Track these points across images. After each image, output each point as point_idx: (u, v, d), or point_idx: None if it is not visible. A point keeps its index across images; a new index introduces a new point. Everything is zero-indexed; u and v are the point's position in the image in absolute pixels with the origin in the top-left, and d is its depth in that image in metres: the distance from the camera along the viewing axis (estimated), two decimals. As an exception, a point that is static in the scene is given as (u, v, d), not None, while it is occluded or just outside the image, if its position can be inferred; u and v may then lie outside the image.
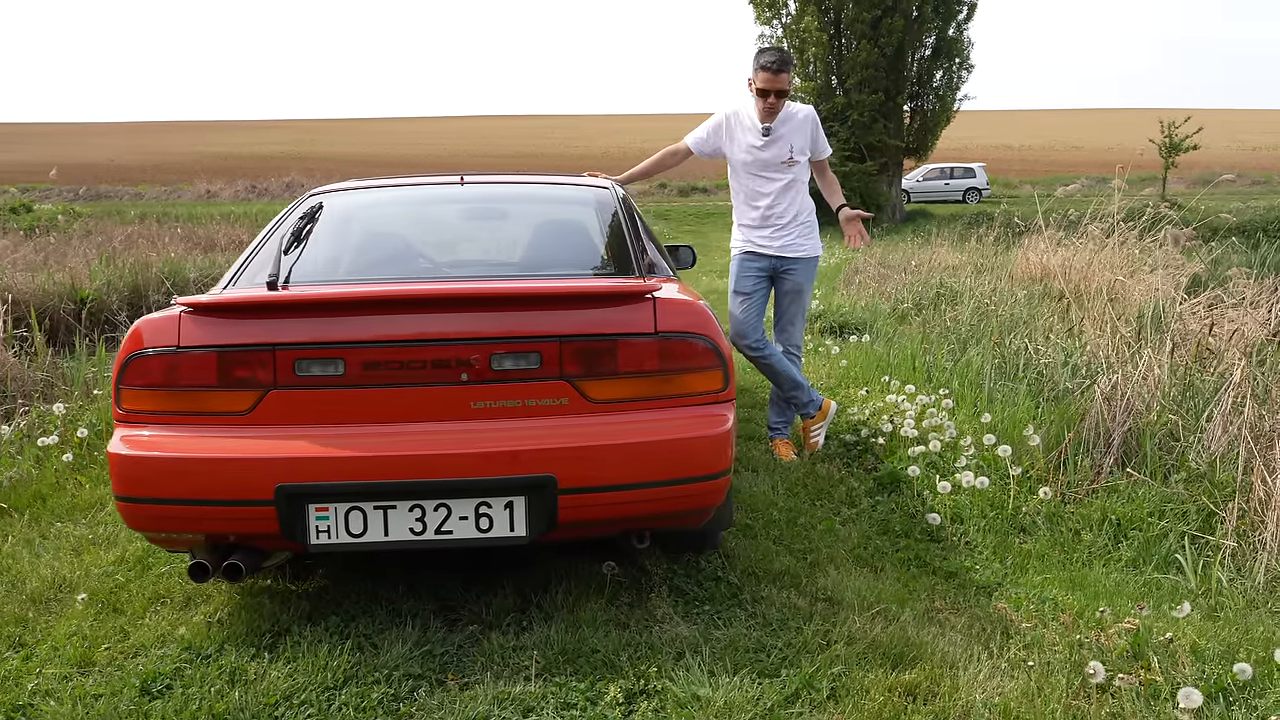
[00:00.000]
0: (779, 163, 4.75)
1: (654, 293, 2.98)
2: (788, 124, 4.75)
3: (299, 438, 2.79)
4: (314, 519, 2.75)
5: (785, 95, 4.68)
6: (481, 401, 2.85)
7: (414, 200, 4.18)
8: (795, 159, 4.75)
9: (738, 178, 4.93)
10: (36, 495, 4.39)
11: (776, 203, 4.80)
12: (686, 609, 3.18)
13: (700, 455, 2.90)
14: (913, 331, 8.04)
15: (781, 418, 5.10)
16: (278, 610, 3.14)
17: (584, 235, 3.83)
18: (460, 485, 2.76)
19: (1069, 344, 5.96)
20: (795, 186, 4.84)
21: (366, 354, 2.83)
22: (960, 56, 28.79)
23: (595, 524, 2.92)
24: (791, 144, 4.74)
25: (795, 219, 4.84)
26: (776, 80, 4.61)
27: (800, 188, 4.88)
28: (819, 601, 3.22)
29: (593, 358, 2.90)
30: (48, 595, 3.36)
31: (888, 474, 4.48)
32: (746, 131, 4.81)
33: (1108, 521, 3.88)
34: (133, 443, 2.81)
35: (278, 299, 2.95)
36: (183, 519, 2.79)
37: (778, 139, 4.74)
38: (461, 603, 3.20)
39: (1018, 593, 3.29)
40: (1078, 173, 44.34)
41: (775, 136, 4.73)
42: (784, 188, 4.80)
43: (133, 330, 2.90)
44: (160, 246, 14.92)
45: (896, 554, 3.68)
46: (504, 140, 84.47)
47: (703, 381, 2.98)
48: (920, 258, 12.51)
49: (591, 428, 2.86)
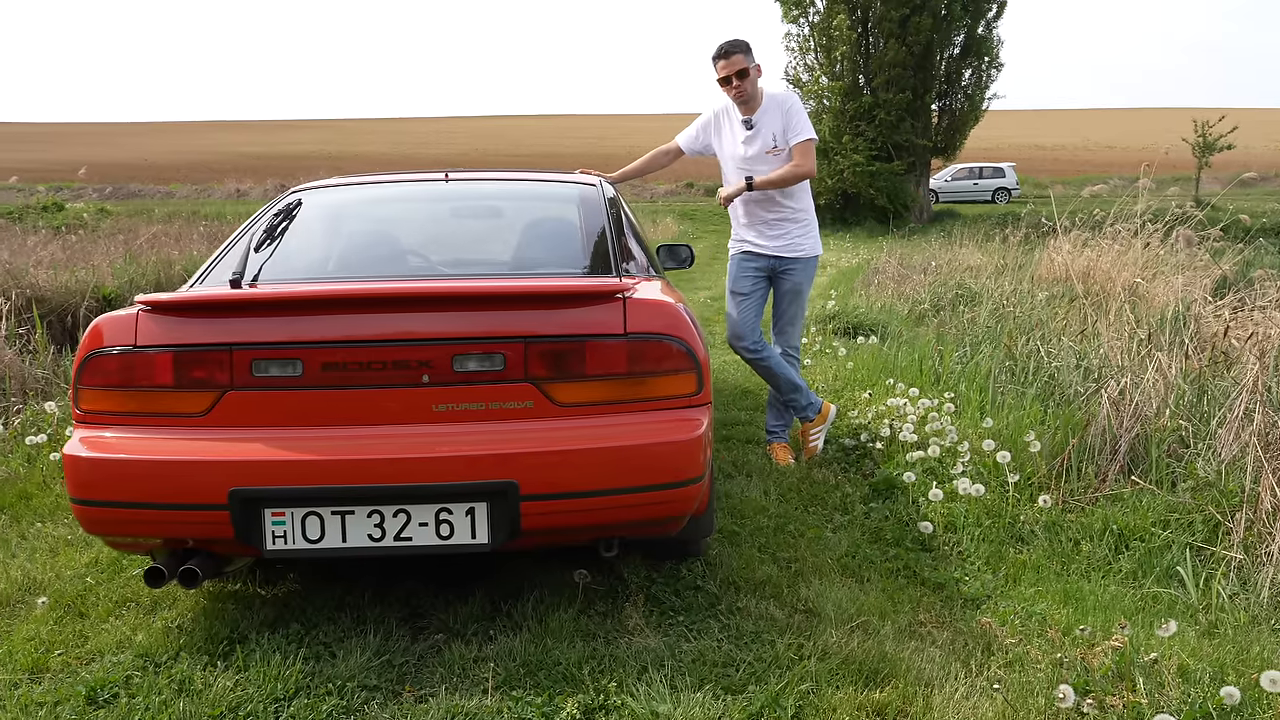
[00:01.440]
0: (764, 153, 4.65)
1: (625, 292, 2.88)
2: (768, 113, 4.66)
3: (255, 440, 2.71)
4: (270, 524, 2.67)
5: (745, 76, 4.57)
6: (443, 404, 2.76)
7: (394, 198, 4.10)
8: (779, 148, 4.65)
9: (727, 173, 4.84)
10: (21, 494, 4.35)
11: (766, 197, 4.69)
12: (660, 619, 3.07)
13: (671, 461, 2.80)
14: (928, 334, 7.88)
15: (779, 421, 4.99)
16: (240, 616, 3.06)
17: (564, 233, 3.73)
18: (420, 491, 2.67)
19: (1082, 347, 5.80)
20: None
21: (325, 354, 2.74)
22: (990, 55, 28.46)
23: (561, 531, 2.83)
24: (774, 132, 4.65)
25: (791, 215, 4.74)
26: (728, 64, 4.55)
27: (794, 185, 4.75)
28: (797, 613, 3.11)
29: (559, 360, 2.81)
30: (15, 598, 3.31)
31: (884, 480, 4.35)
32: (731, 125, 4.76)
33: (1109, 531, 3.74)
34: (87, 444, 2.74)
35: (233, 298, 2.87)
36: (137, 523, 2.72)
37: (759, 130, 4.66)
38: (430, 610, 3.11)
39: (1006, 606, 3.16)
40: (1111, 173, 43.77)
41: (757, 128, 4.67)
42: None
43: (92, 328, 2.83)
44: (184, 245, 15.02)
45: (885, 563, 3.56)
46: (533, 140, 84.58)
47: (675, 385, 2.88)
48: (942, 258, 12.32)
49: (556, 432, 2.76)
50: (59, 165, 49.89)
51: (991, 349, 6.23)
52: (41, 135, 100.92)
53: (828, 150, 25.90)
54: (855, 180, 26.19)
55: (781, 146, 4.64)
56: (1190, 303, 6.48)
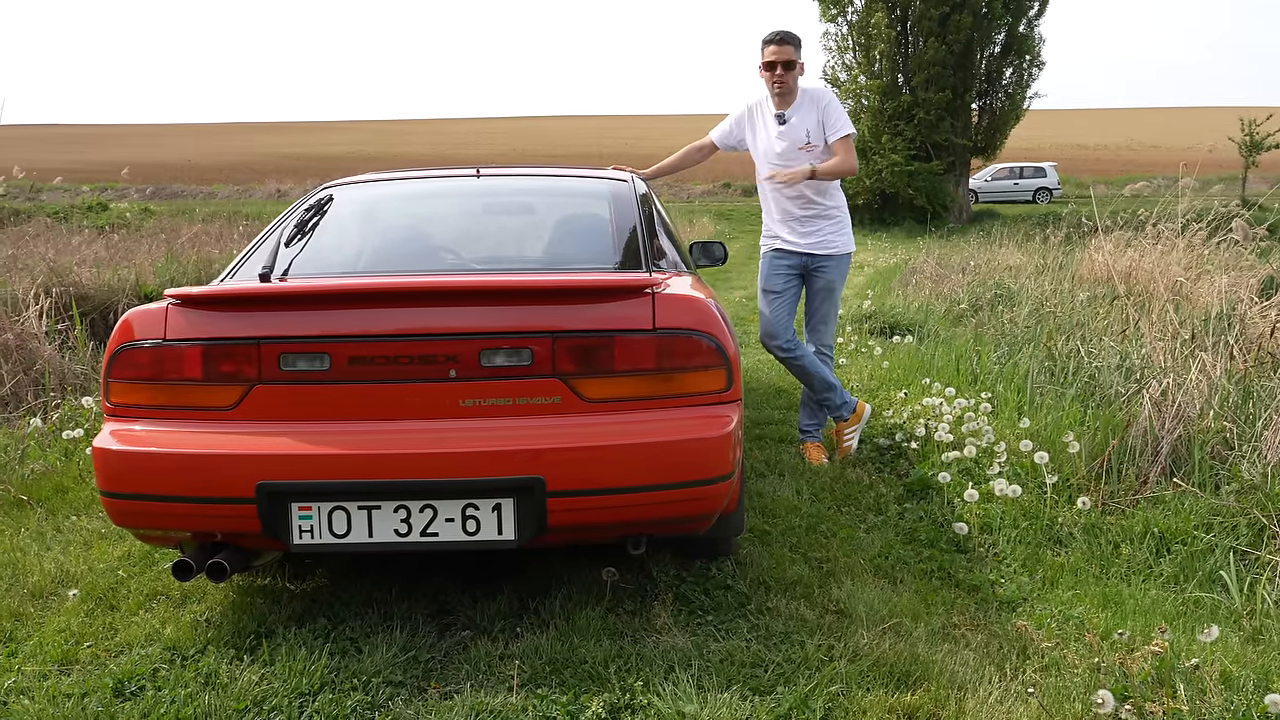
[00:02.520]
0: (797, 149, 4.60)
1: (654, 287, 2.84)
2: (802, 107, 4.63)
3: (283, 434, 2.70)
4: (297, 518, 2.67)
5: (792, 68, 4.56)
6: (470, 399, 2.75)
7: (426, 194, 4.09)
8: (813, 143, 4.60)
9: (759, 169, 4.80)
10: (58, 488, 4.39)
11: (798, 193, 4.64)
12: (689, 619, 3.04)
13: (700, 458, 2.76)
14: (965, 333, 7.78)
15: (813, 420, 4.93)
16: (267, 611, 3.06)
17: (595, 229, 3.71)
18: (446, 486, 2.65)
19: (1124, 347, 5.69)
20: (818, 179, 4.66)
21: (352, 348, 2.74)
22: (1031, 53, 28.14)
23: (588, 528, 2.80)
24: (808, 128, 4.60)
25: (824, 212, 4.68)
26: (781, 50, 4.53)
27: (826, 181, 4.70)
28: (828, 614, 3.06)
29: (588, 355, 2.78)
30: (48, 589, 3.33)
31: (918, 480, 4.29)
32: (764, 120, 4.73)
33: (1150, 534, 3.65)
34: (117, 437, 2.75)
35: (261, 291, 2.87)
36: (165, 515, 2.73)
37: (793, 124, 4.62)
38: (457, 607, 3.10)
39: (1042, 609, 3.09)
40: (1155, 172, 43.09)
41: (790, 122, 4.62)
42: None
43: (122, 322, 2.84)
44: (225, 244, 15.19)
45: (919, 565, 3.50)
46: (571, 140, 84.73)
47: (705, 381, 2.84)
48: (981, 258, 12.18)
49: (584, 428, 2.73)
50: (104, 166, 50.63)
51: (1031, 349, 6.13)
52: (88, 136, 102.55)
53: (866, 150, 25.71)
54: (894, 180, 25.97)
55: (815, 142, 4.59)
56: (1235, 303, 6.34)
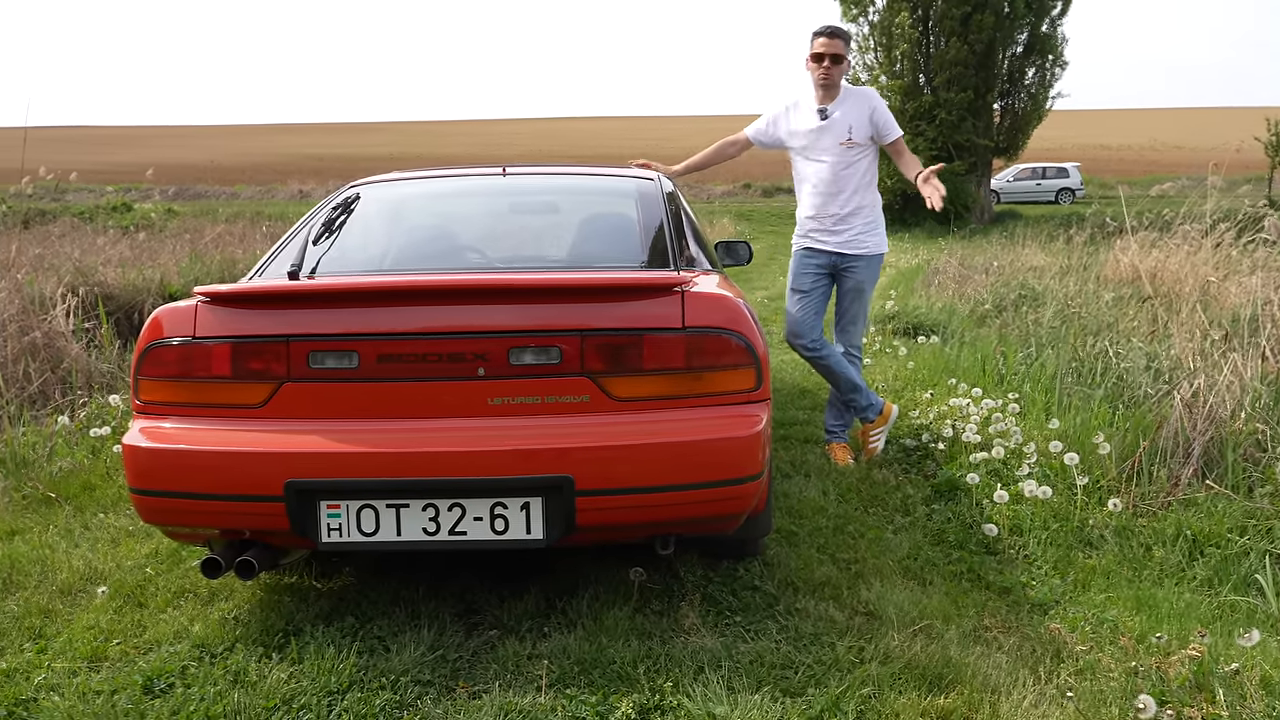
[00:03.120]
0: (837, 144, 4.57)
1: (683, 286, 2.82)
2: (845, 104, 4.60)
3: (311, 432, 2.70)
4: (325, 516, 2.66)
5: (840, 63, 4.55)
6: (499, 398, 2.73)
7: (452, 192, 4.09)
8: (854, 140, 4.56)
9: (796, 165, 4.78)
10: (86, 485, 4.41)
11: (837, 190, 4.60)
12: (717, 619, 3.02)
13: (729, 457, 2.74)
14: (989, 334, 7.73)
15: (839, 421, 4.90)
16: (295, 609, 3.06)
17: (622, 228, 3.69)
18: (475, 484, 2.64)
19: (1152, 348, 5.63)
20: (857, 174, 4.64)
21: (381, 346, 2.73)
22: (1053, 53, 27.93)
23: (616, 528, 2.78)
24: (850, 124, 4.56)
25: (858, 211, 4.64)
26: (831, 44, 4.51)
27: (863, 177, 4.67)
28: (858, 615, 3.03)
29: (616, 353, 2.76)
30: (77, 586, 3.34)
31: (946, 481, 4.25)
32: (804, 114, 4.69)
33: (1182, 537, 3.61)
34: (146, 434, 2.75)
35: (290, 289, 2.87)
36: (194, 513, 2.73)
37: (834, 119, 4.58)
38: (484, 606, 3.09)
39: (1075, 612, 3.06)
40: (1179, 173, 42.76)
41: (832, 117, 4.59)
42: (843, 173, 4.61)
43: (151, 319, 2.85)
44: (248, 244, 15.27)
45: (948, 566, 3.47)
46: (596, 141, 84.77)
47: (734, 380, 2.82)
48: (1004, 259, 12.10)
49: (613, 427, 2.71)
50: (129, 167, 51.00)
51: (1057, 349, 6.08)
52: (114, 138, 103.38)
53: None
54: (915, 181, 25.80)
55: (857, 140, 4.55)
56: (1265, 303, 6.26)
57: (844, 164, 4.61)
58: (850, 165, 4.61)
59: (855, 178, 4.64)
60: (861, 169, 4.66)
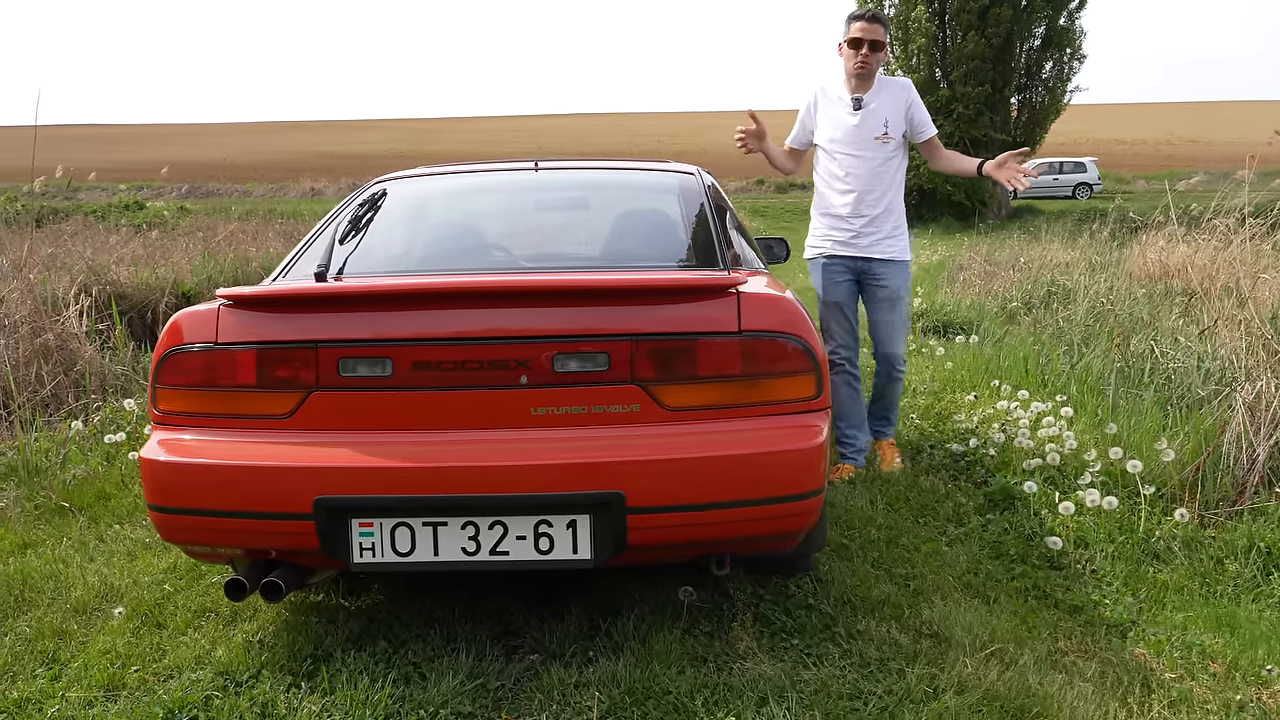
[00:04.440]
0: (872, 139, 4.26)
1: (738, 286, 2.63)
2: (881, 95, 4.28)
3: (342, 445, 2.52)
4: (357, 535, 2.48)
5: (880, 50, 4.24)
6: (543, 407, 2.54)
7: (483, 188, 3.90)
8: (890, 135, 4.25)
9: (822, 160, 4.43)
10: (100, 494, 4.24)
11: (869, 188, 4.28)
12: (772, 642, 2.82)
13: (789, 472, 2.55)
14: (1022, 332, 7.52)
15: (884, 421, 4.65)
16: (323, 632, 2.88)
17: (665, 225, 3.50)
18: (518, 501, 2.46)
19: (1202, 347, 5.41)
20: (889, 174, 4.32)
21: (417, 353, 2.54)
22: (1071, 47, 27.63)
23: (669, 547, 2.59)
24: (886, 117, 4.25)
25: (888, 212, 4.32)
26: (871, 29, 4.19)
27: (895, 177, 4.35)
28: (924, 638, 2.84)
29: (668, 359, 2.57)
30: (92, 604, 3.17)
31: (1000, 489, 4.04)
32: (834, 104, 4.36)
33: (1255, 549, 3.41)
34: (166, 447, 2.58)
35: (319, 291, 2.69)
36: (217, 531, 2.55)
37: (870, 111, 4.26)
38: (523, 628, 2.90)
39: (1156, 634, 2.86)
40: (1196, 167, 42.44)
41: (868, 108, 4.26)
42: (877, 170, 4.29)
43: (171, 324, 2.66)
44: (261, 242, 15.13)
45: (1011, 582, 3.27)
46: (601, 137, 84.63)
47: (793, 387, 2.63)
48: (1029, 255, 11.87)
49: (666, 439, 2.52)
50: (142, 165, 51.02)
51: (1103, 348, 5.87)
52: (126, 136, 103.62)
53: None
54: (932, 176, 25.57)
55: (892, 134, 4.25)
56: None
57: (879, 160, 4.29)
58: (885, 162, 4.31)
59: (888, 176, 4.33)
60: (894, 168, 4.35)
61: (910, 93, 4.32)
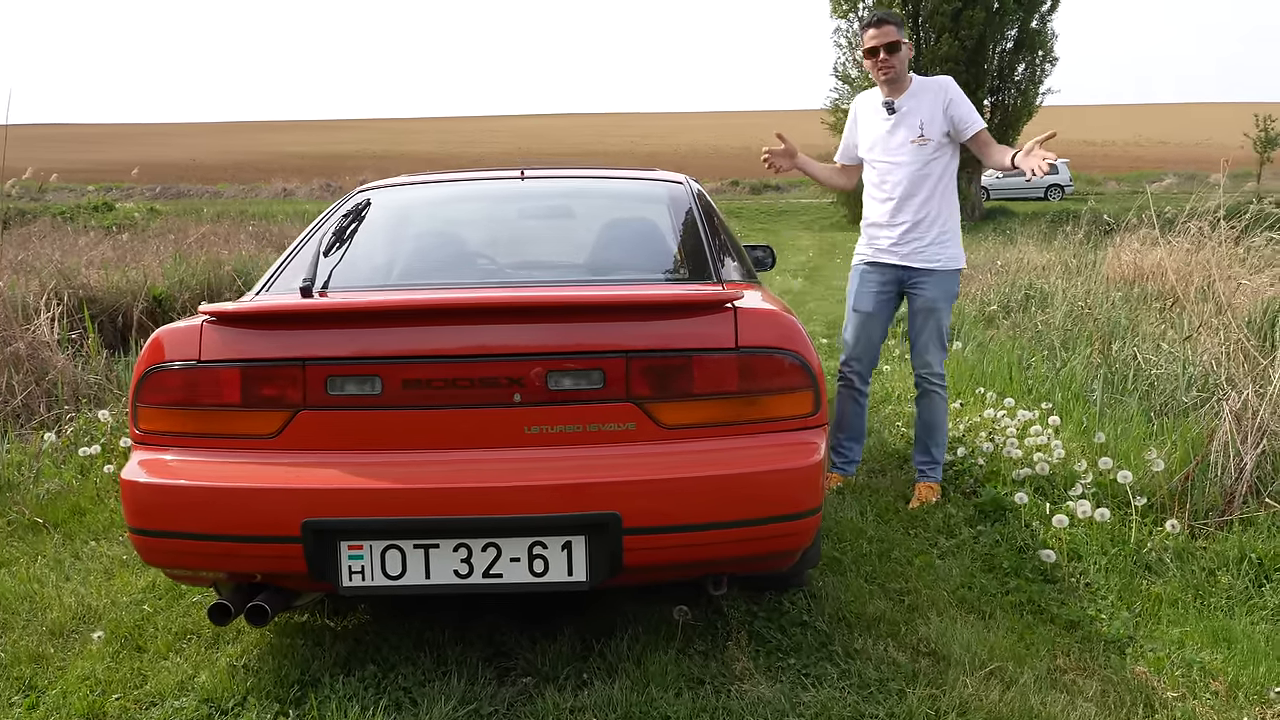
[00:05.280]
0: (909, 142, 4.09)
1: (735, 302, 2.58)
2: (916, 97, 4.11)
3: (330, 466, 2.45)
4: (346, 558, 2.41)
5: (897, 51, 4.05)
6: (536, 426, 2.49)
7: (469, 197, 3.83)
8: (927, 137, 4.06)
9: (866, 170, 4.31)
10: (75, 509, 4.14)
11: (908, 194, 4.09)
12: (769, 662, 2.78)
13: (788, 491, 2.50)
14: (1002, 336, 7.53)
15: (925, 456, 4.31)
16: (310, 655, 2.81)
17: (655, 236, 3.45)
18: (512, 523, 2.39)
19: (1184, 353, 5.42)
20: (932, 177, 4.12)
21: (407, 370, 2.48)
22: (1043, 49, 27.82)
23: (666, 568, 2.54)
24: (921, 119, 4.07)
25: (930, 219, 4.11)
26: (881, 33, 4.04)
27: (939, 182, 4.14)
28: (922, 656, 2.80)
29: (665, 376, 2.52)
30: (69, 626, 3.08)
31: (990, 500, 4.01)
32: (871, 114, 4.24)
33: (1247, 561, 3.40)
34: (147, 467, 2.50)
35: (306, 308, 2.61)
36: (201, 555, 2.48)
37: (903, 114, 4.11)
38: (515, 649, 2.84)
39: (1155, 650, 2.84)
40: (1165, 169, 42.81)
41: (900, 112, 4.12)
42: (916, 175, 4.09)
43: (152, 341, 2.58)
44: (233, 244, 14.95)
45: (1006, 597, 3.24)
46: (576, 138, 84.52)
47: (790, 404, 2.58)
48: (1005, 257, 11.91)
49: (662, 458, 2.47)
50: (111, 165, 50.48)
51: (1086, 354, 5.87)
52: (94, 136, 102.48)
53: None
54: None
55: (930, 136, 4.06)
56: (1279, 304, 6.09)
57: (917, 164, 4.10)
58: (925, 165, 4.10)
59: (931, 181, 4.12)
60: (938, 171, 4.14)
61: (949, 91, 4.12)
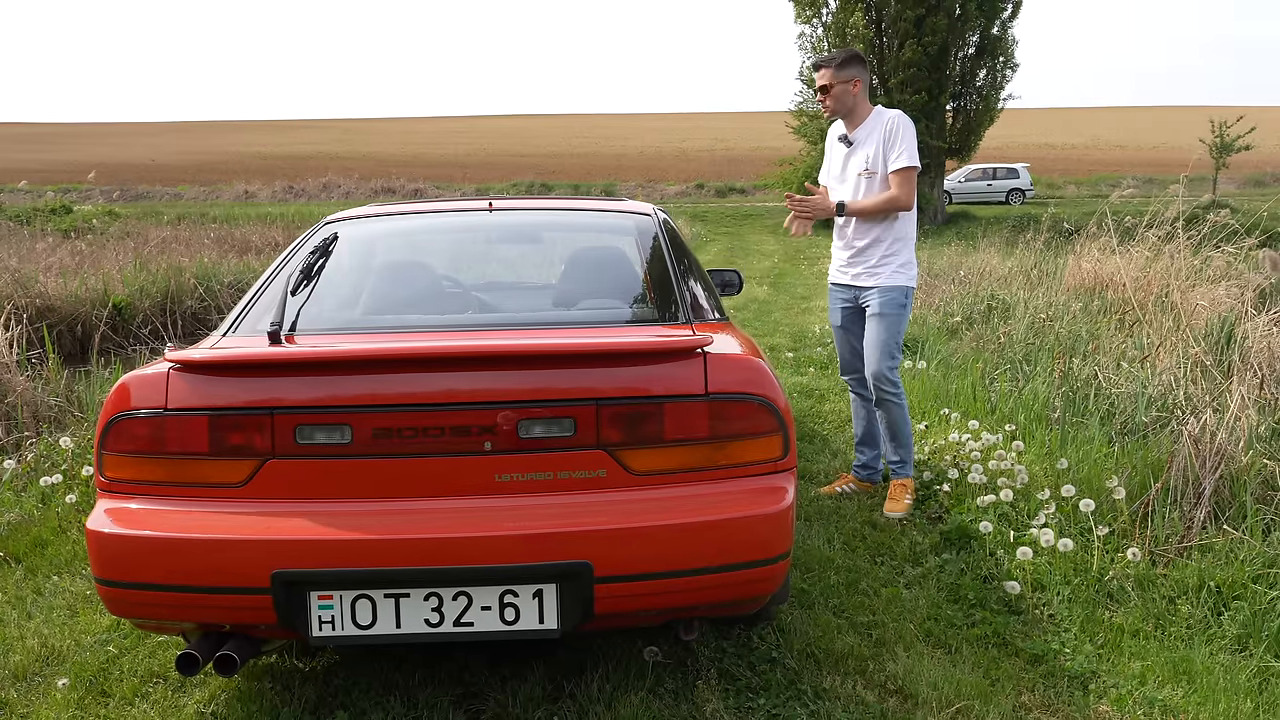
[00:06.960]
0: (858, 174, 4.33)
1: (705, 347, 2.60)
2: (869, 130, 4.33)
3: (300, 515, 2.44)
4: (316, 608, 2.40)
5: (828, 91, 4.29)
6: (507, 474, 2.49)
7: (437, 231, 3.82)
8: (871, 169, 4.29)
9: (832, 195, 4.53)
10: (36, 541, 4.09)
11: (857, 220, 4.36)
12: (738, 702, 2.80)
13: (759, 536, 2.52)
14: (964, 348, 7.61)
15: (896, 456, 4.51)
16: (279, 701, 2.79)
17: (624, 272, 3.46)
18: (482, 573, 2.39)
19: (1144, 373, 5.50)
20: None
21: (377, 419, 2.47)
22: (1005, 55, 28.14)
23: (637, 614, 2.55)
24: (867, 153, 4.31)
25: (875, 243, 4.33)
26: (821, 75, 4.31)
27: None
28: (890, 695, 2.83)
29: (635, 423, 2.53)
30: (33, 670, 3.04)
31: (956, 529, 4.06)
32: (836, 142, 4.51)
33: (1206, 588, 3.46)
34: (113, 517, 2.47)
35: (274, 356, 2.60)
36: (170, 606, 2.45)
37: (858, 145, 4.36)
38: (485, 690, 2.84)
39: (1116, 685, 2.88)
40: (1123, 172, 43.42)
41: (855, 146, 4.37)
42: None
43: (117, 388, 2.56)
44: (194, 250, 14.78)
45: (971, 629, 3.28)
46: (541, 139, 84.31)
47: (760, 449, 2.60)
48: (968, 265, 12.03)
49: (633, 505, 2.48)
50: (68, 166, 49.73)
51: (1046, 372, 5.94)
52: (47, 135, 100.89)
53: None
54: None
55: (874, 169, 4.27)
56: (1235, 317, 6.18)
57: (864, 194, 4.33)
58: (869, 195, 4.32)
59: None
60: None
61: (892, 125, 4.26)
